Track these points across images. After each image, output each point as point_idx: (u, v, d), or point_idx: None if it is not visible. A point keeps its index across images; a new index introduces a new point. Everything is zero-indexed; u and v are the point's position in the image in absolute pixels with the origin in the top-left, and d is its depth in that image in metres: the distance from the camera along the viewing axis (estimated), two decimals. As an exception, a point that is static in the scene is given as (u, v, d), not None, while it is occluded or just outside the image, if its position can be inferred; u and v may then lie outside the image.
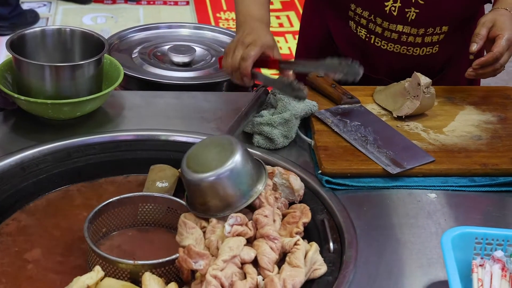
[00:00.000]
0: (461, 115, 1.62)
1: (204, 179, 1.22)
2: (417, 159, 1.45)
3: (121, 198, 1.31)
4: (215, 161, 1.24)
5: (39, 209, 1.39)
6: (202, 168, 1.23)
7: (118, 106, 1.62)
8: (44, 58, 1.58)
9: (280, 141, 1.48)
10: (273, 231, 1.18)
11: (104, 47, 1.55)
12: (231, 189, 1.23)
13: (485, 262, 1.14)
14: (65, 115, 1.51)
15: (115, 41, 2.05)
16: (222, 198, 1.23)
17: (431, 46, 1.73)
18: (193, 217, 1.23)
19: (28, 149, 1.44)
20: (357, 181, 1.40)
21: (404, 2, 1.66)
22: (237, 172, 1.23)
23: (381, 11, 1.69)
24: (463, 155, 1.48)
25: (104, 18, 4.58)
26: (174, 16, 4.69)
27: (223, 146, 1.26)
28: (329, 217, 1.32)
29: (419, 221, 1.32)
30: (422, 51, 1.73)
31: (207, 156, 1.26)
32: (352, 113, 1.59)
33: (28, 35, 1.58)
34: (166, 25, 2.17)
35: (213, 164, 1.23)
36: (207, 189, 1.23)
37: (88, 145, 1.48)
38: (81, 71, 1.50)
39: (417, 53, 1.73)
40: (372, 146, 1.48)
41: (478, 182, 1.42)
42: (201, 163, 1.24)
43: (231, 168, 1.22)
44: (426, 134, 1.54)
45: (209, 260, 1.13)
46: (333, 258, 1.22)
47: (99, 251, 1.18)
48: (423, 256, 1.24)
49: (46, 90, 1.49)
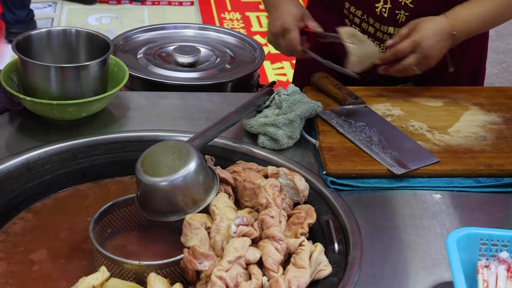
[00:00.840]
0: (466, 116, 1.62)
1: (155, 183, 1.24)
2: (422, 159, 1.45)
3: (127, 198, 1.32)
4: (168, 167, 1.25)
5: (45, 210, 1.40)
6: (154, 172, 1.25)
7: (123, 106, 1.63)
8: (49, 59, 1.59)
9: (284, 141, 1.48)
10: (278, 232, 1.18)
11: (110, 48, 1.55)
12: (178, 196, 1.25)
13: (490, 263, 1.14)
14: (70, 116, 1.52)
15: (120, 42, 2.05)
16: (168, 204, 1.25)
17: None
18: (198, 218, 1.23)
19: (34, 149, 1.44)
20: (361, 182, 1.40)
21: (394, 4, 1.65)
22: (188, 181, 1.24)
23: (373, 12, 1.69)
24: (468, 155, 1.48)
25: (109, 19, 4.59)
26: (179, 17, 4.70)
27: (180, 153, 1.28)
28: (334, 218, 1.32)
29: (424, 222, 1.32)
30: None
31: (163, 160, 1.27)
32: (356, 113, 1.59)
33: (34, 36, 1.59)
34: (171, 25, 2.17)
35: (165, 170, 1.25)
36: (155, 193, 1.25)
37: (93, 146, 1.49)
38: (87, 72, 1.51)
39: None
40: (376, 146, 1.48)
41: (483, 182, 1.42)
42: (155, 166, 1.26)
43: (184, 175, 1.24)
44: (431, 135, 1.54)
45: (214, 260, 1.13)
46: (338, 259, 1.22)
47: (105, 252, 1.19)
48: (428, 257, 1.24)
49: (51, 91, 1.49)
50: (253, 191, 1.32)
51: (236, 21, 4.70)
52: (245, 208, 1.32)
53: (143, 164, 1.28)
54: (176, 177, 1.24)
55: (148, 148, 1.31)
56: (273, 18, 1.63)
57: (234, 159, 1.45)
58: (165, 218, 1.27)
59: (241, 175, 1.35)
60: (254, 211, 1.29)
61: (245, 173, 1.36)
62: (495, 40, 4.55)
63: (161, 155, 1.28)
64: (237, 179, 1.35)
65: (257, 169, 1.39)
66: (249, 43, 2.10)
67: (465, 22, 1.56)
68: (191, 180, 1.25)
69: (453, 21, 1.55)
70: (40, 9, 4.63)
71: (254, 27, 4.64)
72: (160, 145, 1.32)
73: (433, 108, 1.65)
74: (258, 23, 4.69)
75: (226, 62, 1.98)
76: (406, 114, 1.62)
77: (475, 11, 1.59)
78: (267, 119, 1.48)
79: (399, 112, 1.62)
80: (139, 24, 4.47)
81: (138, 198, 1.30)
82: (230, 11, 4.85)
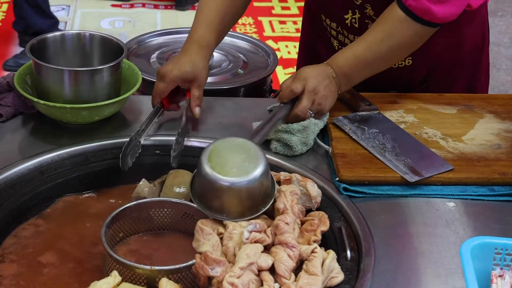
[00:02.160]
0: (480, 124, 1.61)
1: (223, 182, 1.23)
2: (435, 167, 1.44)
3: (138, 203, 1.32)
4: (237, 168, 1.24)
5: (57, 213, 1.40)
6: (222, 170, 1.24)
7: (136, 111, 1.63)
8: (63, 62, 1.59)
9: (298, 148, 1.48)
10: (292, 239, 1.18)
11: (123, 52, 1.56)
12: (242, 199, 1.24)
13: (504, 273, 1.12)
14: (83, 120, 1.52)
15: (134, 46, 2.06)
16: (231, 204, 1.24)
17: (402, 59, 1.67)
18: (210, 223, 1.23)
19: (47, 153, 1.44)
20: (374, 189, 1.39)
21: (363, 14, 1.63)
22: (256, 185, 1.24)
23: (344, 23, 1.67)
24: (483, 163, 1.46)
25: (122, 22, 4.61)
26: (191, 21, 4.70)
27: (248, 154, 1.27)
28: (346, 224, 1.31)
29: (437, 230, 1.31)
30: (394, 64, 1.67)
31: (231, 159, 1.26)
32: (370, 120, 1.58)
33: (48, 39, 1.59)
34: (184, 30, 2.17)
35: (234, 171, 1.24)
36: (220, 191, 1.24)
37: (106, 150, 1.49)
38: (100, 76, 1.51)
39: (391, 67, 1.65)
40: (390, 153, 1.47)
41: (498, 191, 1.41)
42: (223, 164, 1.25)
43: (253, 179, 1.24)
44: (445, 142, 1.53)
45: (226, 267, 1.13)
46: (350, 266, 1.21)
47: (116, 256, 1.18)
48: (441, 265, 1.23)
49: (65, 95, 1.50)
50: (265, 197, 1.32)
51: (248, 26, 4.70)
52: (257, 214, 1.32)
53: (210, 159, 1.26)
54: (246, 180, 1.23)
55: (214, 143, 1.29)
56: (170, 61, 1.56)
57: (247, 165, 1.45)
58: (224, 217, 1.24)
59: (253, 181, 1.35)
60: (267, 217, 1.28)
61: (257, 178, 1.35)
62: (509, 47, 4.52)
63: (230, 154, 1.27)
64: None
65: (270, 174, 1.38)
66: (262, 48, 2.10)
67: (339, 64, 1.52)
68: (256, 185, 1.24)
69: (330, 65, 1.52)
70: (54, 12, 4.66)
71: (267, 32, 4.64)
72: (227, 142, 1.30)
73: (447, 115, 1.64)
74: (270, 28, 4.69)
75: (239, 67, 1.98)
76: (420, 121, 1.61)
77: (347, 52, 1.53)
78: (280, 125, 1.48)
79: (412, 119, 1.61)
80: (152, 28, 4.47)
81: (195, 192, 1.28)
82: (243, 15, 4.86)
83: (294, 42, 4.46)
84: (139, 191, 1.38)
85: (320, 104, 1.50)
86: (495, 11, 4.78)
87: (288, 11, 4.92)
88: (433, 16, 1.48)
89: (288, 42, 4.50)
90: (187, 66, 1.51)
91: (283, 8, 4.97)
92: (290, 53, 4.37)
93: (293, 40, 4.50)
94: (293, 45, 4.43)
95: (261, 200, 1.27)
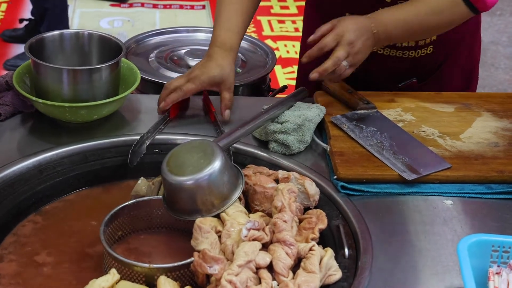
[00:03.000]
0: (478, 122, 1.62)
1: (180, 182, 1.25)
2: (433, 165, 1.44)
3: (137, 201, 1.32)
4: (193, 167, 1.26)
5: (56, 212, 1.40)
6: (179, 171, 1.26)
7: (135, 110, 1.63)
8: (62, 61, 1.60)
9: (296, 146, 1.48)
10: (290, 236, 1.18)
11: (122, 51, 1.56)
12: (204, 195, 1.25)
13: (501, 270, 1.13)
14: (82, 118, 1.52)
15: (132, 45, 2.06)
16: (194, 203, 1.26)
17: (425, 47, 1.73)
18: (208, 221, 1.23)
19: (45, 151, 1.45)
20: (372, 187, 1.40)
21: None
22: (213, 180, 1.25)
23: None
24: (480, 162, 1.47)
25: (121, 22, 4.61)
26: (190, 20, 4.71)
27: (205, 152, 1.28)
28: (344, 222, 1.31)
29: (435, 228, 1.32)
30: (418, 53, 1.74)
31: (188, 160, 1.28)
32: (368, 118, 1.58)
33: (46, 38, 1.59)
34: (183, 29, 2.18)
35: (190, 169, 1.26)
36: (180, 192, 1.26)
37: (104, 148, 1.49)
38: (99, 75, 1.51)
39: (413, 56, 1.74)
40: (388, 152, 1.47)
41: (495, 189, 1.41)
42: (180, 166, 1.27)
43: (209, 174, 1.25)
44: (442, 141, 1.54)
45: (224, 264, 1.13)
46: (348, 264, 1.22)
47: (115, 254, 1.19)
48: (439, 263, 1.24)
49: (63, 93, 1.50)
50: (263, 195, 1.32)
51: (247, 25, 4.71)
52: (256, 212, 1.32)
53: (168, 164, 1.28)
54: (201, 176, 1.25)
55: (173, 149, 1.32)
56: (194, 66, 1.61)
57: (245, 163, 1.45)
58: (192, 217, 1.26)
59: (251, 179, 1.35)
60: (266, 215, 1.29)
61: (255, 177, 1.36)
62: (507, 46, 4.53)
63: (186, 155, 1.29)
64: (247, 183, 1.35)
65: (268, 173, 1.39)
66: (261, 47, 2.11)
67: (384, 22, 1.55)
68: (216, 179, 1.26)
69: (373, 20, 1.54)
70: (53, 12, 4.66)
71: (266, 31, 4.64)
72: (185, 145, 1.32)
73: (445, 113, 1.64)
74: (269, 27, 4.69)
75: (237, 66, 1.98)
76: (418, 119, 1.61)
77: (397, 13, 1.58)
78: (275, 126, 1.48)
79: (410, 117, 1.62)
80: (151, 28, 4.47)
81: (165, 198, 1.31)
82: (245, 15, 4.86)
83: (293, 42, 4.46)
84: (137, 189, 1.38)
85: (355, 56, 1.50)
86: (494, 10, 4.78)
87: (287, 11, 4.92)
88: (484, 4, 1.56)
89: (287, 41, 4.51)
90: (215, 71, 1.56)
91: (282, 7, 4.98)
92: (289, 52, 4.37)
93: (292, 40, 4.51)
94: (291, 45, 4.44)
95: (228, 190, 1.28)
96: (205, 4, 4.99)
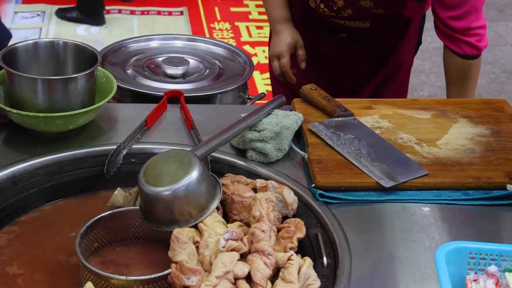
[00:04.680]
0: (454, 128, 1.62)
1: (157, 193, 1.24)
2: (410, 172, 1.45)
3: (114, 212, 1.31)
4: (170, 177, 1.25)
5: (31, 223, 1.38)
6: (156, 181, 1.25)
7: (112, 118, 1.62)
8: (36, 71, 1.58)
9: (273, 154, 1.48)
10: (268, 246, 1.17)
11: (97, 60, 1.55)
12: (182, 205, 1.24)
13: (479, 277, 1.13)
14: (57, 128, 1.51)
15: (109, 53, 2.04)
16: (171, 213, 1.25)
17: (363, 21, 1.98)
18: (186, 232, 1.23)
19: (20, 162, 1.43)
20: (350, 195, 1.40)
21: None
22: (191, 189, 1.24)
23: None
24: (457, 168, 1.47)
25: (98, 29, 4.57)
26: (168, 27, 4.69)
27: (182, 162, 1.28)
28: (322, 231, 1.31)
29: (412, 235, 1.32)
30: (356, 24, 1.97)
31: (165, 170, 1.27)
32: (345, 126, 1.59)
33: (20, 48, 1.57)
34: (160, 37, 2.17)
35: (167, 180, 1.25)
36: (157, 202, 1.25)
37: (80, 159, 1.47)
38: (74, 84, 1.50)
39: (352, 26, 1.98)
40: (365, 159, 1.48)
41: (472, 195, 1.42)
42: (157, 176, 1.26)
43: (186, 184, 1.24)
44: (419, 147, 1.54)
45: (202, 276, 1.12)
46: (326, 273, 1.21)
47: (91, 267, 1.17)
48: (417, 271, 1.24)
49: (38, 103, 1.48)
50: (241, 204, 1.32)
51: (225, 31, 4.70)
52: (234, 221, 1.32)
53: (145, 174, 1.27)
54: (178, 186, 1.24)
55: (150, 158, 1.31)
56: (274, 43, 1.99)
57: (223, 172, 1.45)
58: (169, 228, 1.25)
59: (229, 189, 1.35)
60: (244, 225, 1.28)
61: (233, 186, 1.35)
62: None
63: (163, 165, 1.28)
64: (225, 192, 1.34)
65: (246, 182, 1.38)
66: (238, 54, 2.10)
67: None
68: (194, 189, 1.25)
69: None
70: (28, 18, 4.61)
71: (244, 37, 4.64)
72: (162, 155, 1.31)
73: (422, 120, 1.65)
74: (247, 33, 4.69)
75: (215, 73, 1.98)
76: (395, 126, 1.62)
77: None
78: (253, 135, 1.47)
79: (387, 124, 1.62)
80: (129, 34, 4.45)
81: (141, 208, 1.29)
82: (220, 21, 4.85)
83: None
84: (114, 200, 1.37)
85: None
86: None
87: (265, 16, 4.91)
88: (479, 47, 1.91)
89: (265, 47, 4.48)
90: (289, 38, 1.97)
91: (260, 13, 4.98)
92: (267, 58, 4.35)
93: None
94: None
95: (206, 200, 1.27)
96: (183, 10, 4.98)
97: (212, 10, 5.00)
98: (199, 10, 5.00)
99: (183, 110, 1.64)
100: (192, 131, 1.57)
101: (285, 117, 1.53)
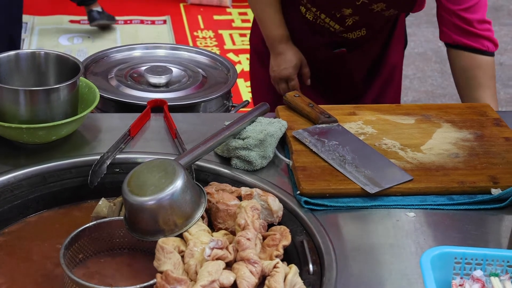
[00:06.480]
0: (438, 133, 1.63)
1: (141, 203, 1.23)
2: (395, 178, 1.45)
3: (98, 223, 1.30)
4: (154, 186, 1.25)
5: (14, 235, 1.37)
6: (141, 191, 1.25)
7: (95, 129, 1.61)
8: (18, 82, 1.57)
9: (258, 162, 1.47)
10: (253, 254, 1.17)
11: (80, 70, 1.54)
12: (166, 215, 1.24)
13: (464, 282, 1.13)
14: (40, 139, 1.50)
15: (91, 63, 2.03)
16: (156, 223, 1.24)
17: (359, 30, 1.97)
18: (171, 241, 1.22)
19: (2, 174, 1.41)
20: (335, 201, 1.40)
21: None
22: (175, 199, 1.24)
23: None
24: (441, 173, 1.48)
25: (81, 39, 4.56)
26: (152, 36, 4.69)
27: (166, 171, 1.27)
28: (308, 238, 1.31)
29: (398, 241, 1.32)
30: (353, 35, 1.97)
31: (149, 179, 1.27)
32: (329, 132, 1.59)
33: (2, 59, 1.56)
34: (143, 46, 2.16)
35: (152, 189, 1.24)
36: (142, 212, 1.24)
37: (64, 169, 1.46)
38: (56, 95, 1.49)
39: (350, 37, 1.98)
40: (350, 165, 1.48)
41: (456, 200, 1.43)
42: (141, 186, 1.26)
43: (170, 194, 1.24)
44: (403, 153, 1.55)
45: (187, 285, 1.12)
46: (313, 280, 1.21)
47: (75, 278, 1.16)
48: (403, 276, 1.24)
49: (20, 115, 1.47)
50: (226, 212, 1.31)
51: (209, 39, 4.70)
52: (219, 230, 1.31)
53: (129, 184, 1.27)
54: (163, 196, 1.23)
55: (134, 168, 1.30)
56: (278, 64, 2.00)
57: (208, 180, 1.44)
58: (154, 237, 1.24)
59: (214, 197, 1.34)
60: (229, 233, 1.28)
61: (218, 194, 1.35)
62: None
63: (147, 175, 1.28)
64: (210, 201, 1.34)
65: (231, 190, 1.38)
66: (222, 62, 2.10)
67: None
68: (178, 198, 1.24)
69: None
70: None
71: (227, 45, 4.65)
72: (146, 164, 1.31)
73: (406, 125, 1.66)
74: (231, 41, 4.70)
75: (198, 81, 1.97)
76: (379, 132, 1.62)
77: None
78: (237, 143, 1.47)
79: (371, 130, 1.63)
80: (111, 44, 4.44)
81: (126, 218, 1.29)
82: (203, 29, 4.85)
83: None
84: (98, 210, 1.36)
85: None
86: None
87: (248, 24, 4.94)
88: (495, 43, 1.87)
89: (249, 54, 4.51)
90: (295, 59, 1.99)
91: (243, 21, 4.99)
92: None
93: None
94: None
95: (190, 209, 1.27)
96: (166, 19, 4.98)
97: (195, 18, 5.01)
98: (182, 18, 5.00)
99: (166, 119, 1.64)
100: (176, 140, 1.57)
101: (269, 125, 1.53)
